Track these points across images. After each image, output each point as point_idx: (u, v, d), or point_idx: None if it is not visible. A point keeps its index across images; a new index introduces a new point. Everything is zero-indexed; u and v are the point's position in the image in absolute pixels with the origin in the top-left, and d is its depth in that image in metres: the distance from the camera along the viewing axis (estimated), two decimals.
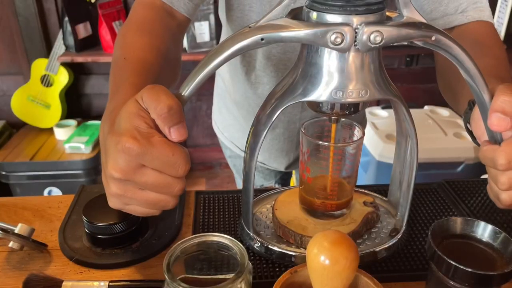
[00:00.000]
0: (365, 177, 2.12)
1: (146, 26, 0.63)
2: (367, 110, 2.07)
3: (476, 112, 0.53)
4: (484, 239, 0.44)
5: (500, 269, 0.41)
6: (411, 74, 2.43)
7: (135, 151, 0.41)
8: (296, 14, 0.46)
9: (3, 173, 2.04)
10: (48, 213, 0.64)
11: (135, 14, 0.66)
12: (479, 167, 1.99)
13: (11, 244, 0.53)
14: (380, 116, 2.17)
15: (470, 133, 0.57)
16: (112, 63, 0.60)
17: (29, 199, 0.66)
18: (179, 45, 0.69)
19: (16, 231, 0.53)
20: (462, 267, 0.40)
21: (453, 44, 0.45)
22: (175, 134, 0.43)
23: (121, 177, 0.42)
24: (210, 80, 0.68)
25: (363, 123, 1.10)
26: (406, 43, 0.45)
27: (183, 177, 0.43)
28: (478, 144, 0.55)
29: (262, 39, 0.42)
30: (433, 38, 0.44)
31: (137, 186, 0.43)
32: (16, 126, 2.30)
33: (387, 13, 0.46)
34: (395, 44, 0.43)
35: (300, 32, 0.41)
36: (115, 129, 0.43)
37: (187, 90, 0.45)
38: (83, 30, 2.12)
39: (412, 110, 0.52)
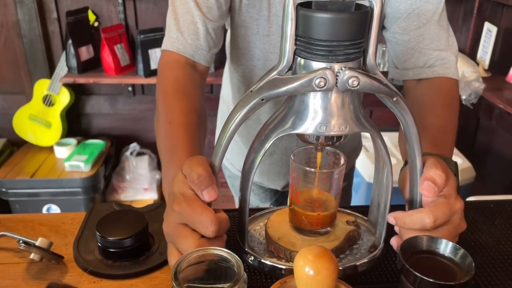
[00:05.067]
0: (356, 198, 2.18)
1: (180, 88, 0.73)
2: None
3: (406, 172, 0.62)
4: (446, 254, 0.52)
5: (458, 280, 0.48)
6: None
7: (177, 212, 0.53)
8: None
9: (3, 190, 2.09)
10: (63, 228, 0.70)
11: (167, 76, 0.75)
12: (464, 190, 2.07)
13: (32, 255, 0.60)
14: (370, 139, 2.24)
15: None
16: (158, 126, 0.71)
17: (45, 216, 0.73)
18: (204, 98, 0.79)
19: (37, 244, 0.60)
20: (426, 278, 0.47)
21: (408, 110, 0.54)
22: (205, 196, 0.53)
23: (168, 232, 0.56)
24: (208, 101, 0.77)
25: (358, 148, 1.17)
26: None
27: (213, 235, 0.53)
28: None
29: (262, 99, 0.52)
30: (394, 99, 0.53)
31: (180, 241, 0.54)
32: (17, 144, 2.35)
33: None
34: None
35: (291, 86, 0.50)
36: (170, 194, 0.56)
37: (217, 159, 0.56)
38: (86, 52, 2.20)
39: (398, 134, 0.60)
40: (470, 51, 2.41)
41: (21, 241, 0.60)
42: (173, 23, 0.77)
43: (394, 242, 0.60)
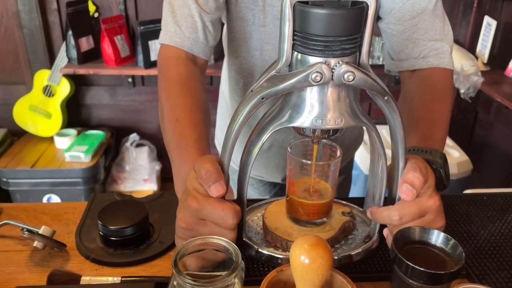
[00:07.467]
0: (354, 190, 2.20)
1: (185, 85, 0.73)
2: None
3: (391, 165, 0.63)
4: (437, 245, 0.53)
5: (449, 269, 0.50)
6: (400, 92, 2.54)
7: (194, 208, 0.54)
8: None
9: (4, 179, 2.11)
10: (65, 217, 0.72)
11: (169, 73, 0.75)
12: (461, 183, 2.09)
13: (35, 243, 0.61)
14: None
15: None
16: (164, 122, 0.71)
17: (47, 205, 0.75)
18: (206, 92, 0.79)
19: (40, 232, 0.62)
20: (417, 267, 0.49)
21: (397, 110, 0.55)
22: (212, 191, 0.55)
23: (184, 227, 0.56)
24: (208, 93, 0.78)
25: (358, 140, 1.18)
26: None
27: (234, 228, 0.55)
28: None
29: (262, 98, 0.53)
30: (385, 98, 0.54)
31: (198, 234, 0.55)
32: (18, 134, 2.36)
33: None
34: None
35: (289, 83, 0.51)
36: (184, 191, 0.57)
37: (225, 157, 0.58)
38: (86, 43, 2.20)
39: None
40: (469, 44, 2.41)
41: (24, 229, 0.62)
42: (170, 16, 0.77)
43: (385, 232, 0.62)
